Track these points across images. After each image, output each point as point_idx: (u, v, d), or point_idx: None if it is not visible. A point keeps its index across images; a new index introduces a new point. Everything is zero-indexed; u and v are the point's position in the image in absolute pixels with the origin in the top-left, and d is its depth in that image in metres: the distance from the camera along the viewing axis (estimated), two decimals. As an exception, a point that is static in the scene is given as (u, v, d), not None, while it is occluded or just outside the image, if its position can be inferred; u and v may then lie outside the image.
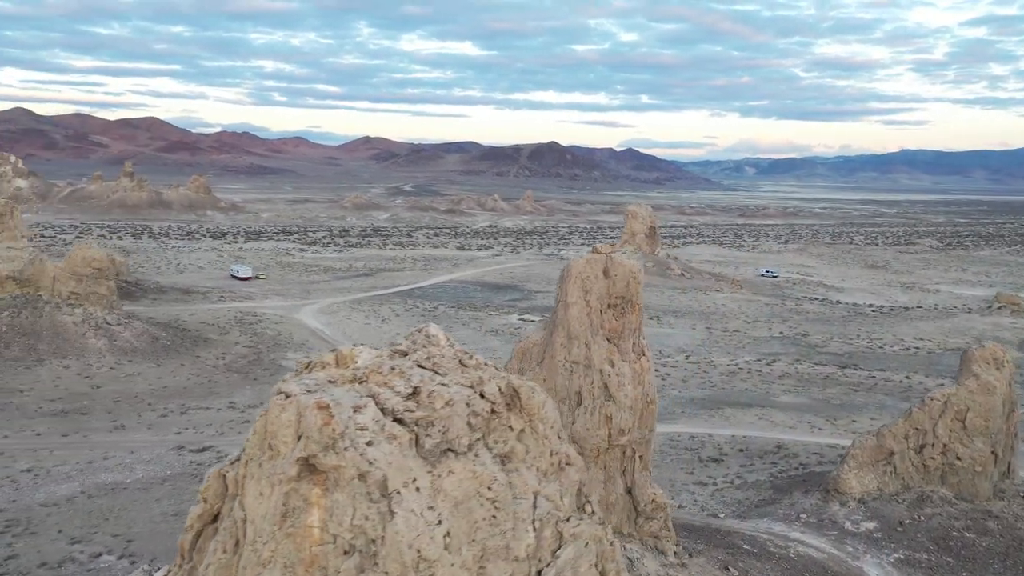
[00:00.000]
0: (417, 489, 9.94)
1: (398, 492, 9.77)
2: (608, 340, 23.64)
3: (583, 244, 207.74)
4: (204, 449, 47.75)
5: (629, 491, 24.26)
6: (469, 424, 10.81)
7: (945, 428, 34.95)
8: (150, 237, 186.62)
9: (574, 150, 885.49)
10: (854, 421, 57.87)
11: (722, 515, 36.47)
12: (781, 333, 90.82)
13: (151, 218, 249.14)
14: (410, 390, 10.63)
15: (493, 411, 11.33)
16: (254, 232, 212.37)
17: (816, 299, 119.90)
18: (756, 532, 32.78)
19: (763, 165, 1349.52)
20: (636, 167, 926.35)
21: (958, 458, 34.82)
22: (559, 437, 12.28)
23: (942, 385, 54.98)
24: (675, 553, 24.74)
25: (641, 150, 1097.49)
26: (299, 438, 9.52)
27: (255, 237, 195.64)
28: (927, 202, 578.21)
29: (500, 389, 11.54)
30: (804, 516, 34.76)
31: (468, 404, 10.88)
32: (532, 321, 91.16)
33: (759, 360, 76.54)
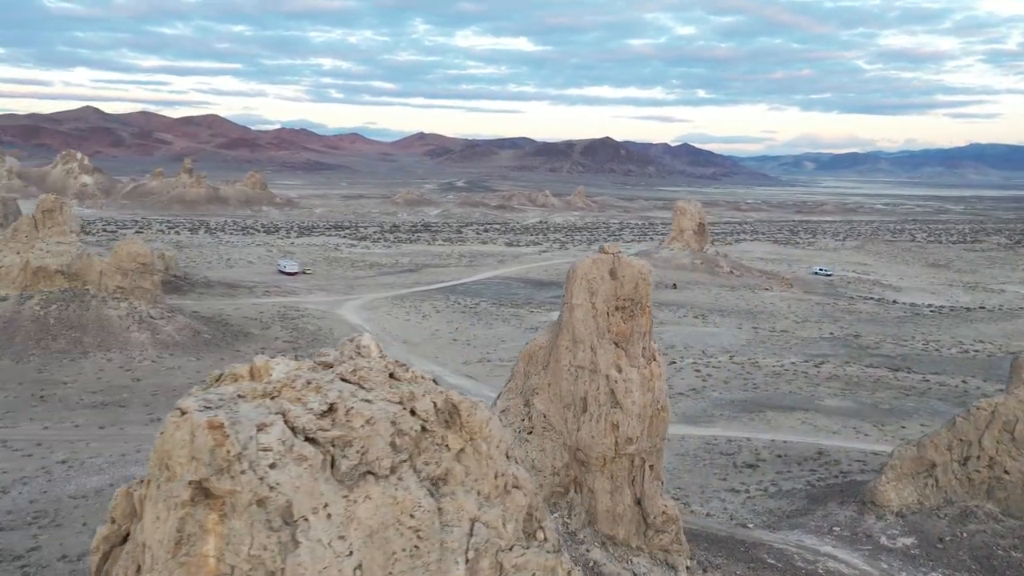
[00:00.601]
0: (328, 516, 9.11)
1: (305, 519, 8.98)
2: (616, 344, 22.50)
3: (633, 240, 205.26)
4: (234, 444, 47.94)
5: (638, 502, 23.13)
6: (393, 444, 9.95)
7: (992, 440, 32.85)
8: (206, 232, 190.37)
9: (628, 145, 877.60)
10: (903, 427, 55.38)
11: (751, 525, 34.97)
12: (831, 334, 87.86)
13: (209, 213, 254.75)
14: (325, 407, 9.81)
15: (424, 429, 10.44)
16: (307, 227, 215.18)
17: (871, 298, 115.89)
18: (784, 545, 31.28)
19: (823, 160, 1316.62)
20: (691, 162, 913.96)
21: (1006, 472, 32.70)
22: (507, 457, 11.30)
23: (1001, 391, 52.18)
24: (687, 568, 23.57)
25: (697, 145, 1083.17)
26: (193, 459, 8.83)
27: (307, 232, 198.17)
28: (996, 198, 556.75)
29: (436, 405, 10.64)
30: (837, 529, 33.07)
31: (393, 422, 10.01)
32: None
33: (806, 361, 74.04)
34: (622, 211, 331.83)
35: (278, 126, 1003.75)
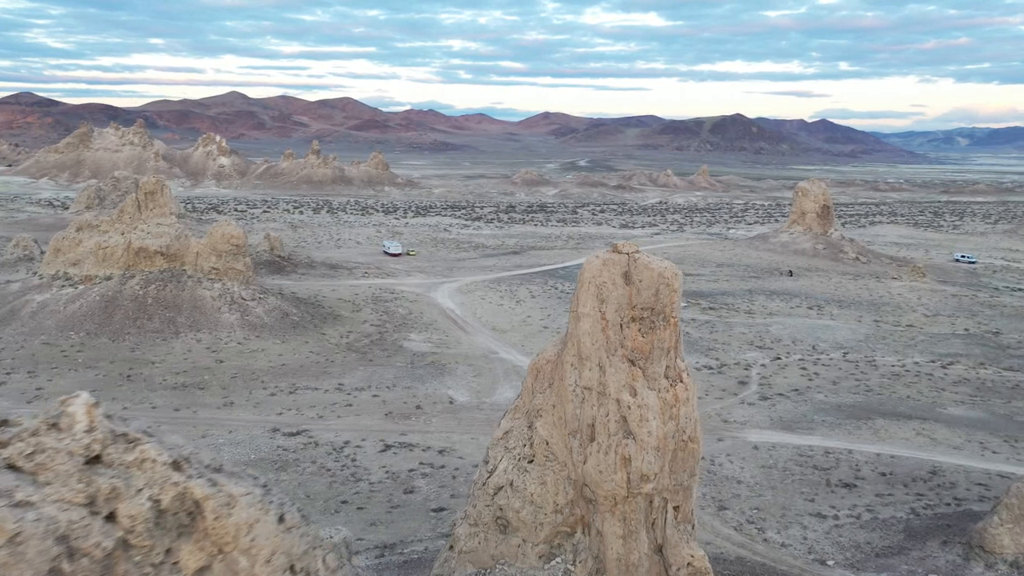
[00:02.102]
0: None
1: None
2: (631, 362, 18.79)
3: (756, 222, 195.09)
4: (297, 433, 47.02)
5: (659, 550, 19.42)
6: (56, 572, 6.99)
7: None
8: (328, 212, 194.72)
9: (760, 122, 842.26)
10: (1041, 444, 48.05)
11: (831, 563, 30.26)
12: (966, 330, 78.79)
13: (334, 193, 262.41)
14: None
15: (128, 544, 7.47)
16: (424, 207, 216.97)
17: (1019, 290, 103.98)
18: (866, 592, 26.58)
19: (979, 135, 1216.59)
20: (829, 139, 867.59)
21: None
22: (293, 572, 8.12)
23: None
24: (721, 629, 19.67)
25: (836, 121, 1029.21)
26: None
27: (423, 213, 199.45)
28: None
29: (159, 504, 7.61)
30: (935, 576, 27.93)
31: (64, 537, 7.07)
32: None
33: (932, 362, 66.40)
34: (748, 191, 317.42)
35: (408, 107, 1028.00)
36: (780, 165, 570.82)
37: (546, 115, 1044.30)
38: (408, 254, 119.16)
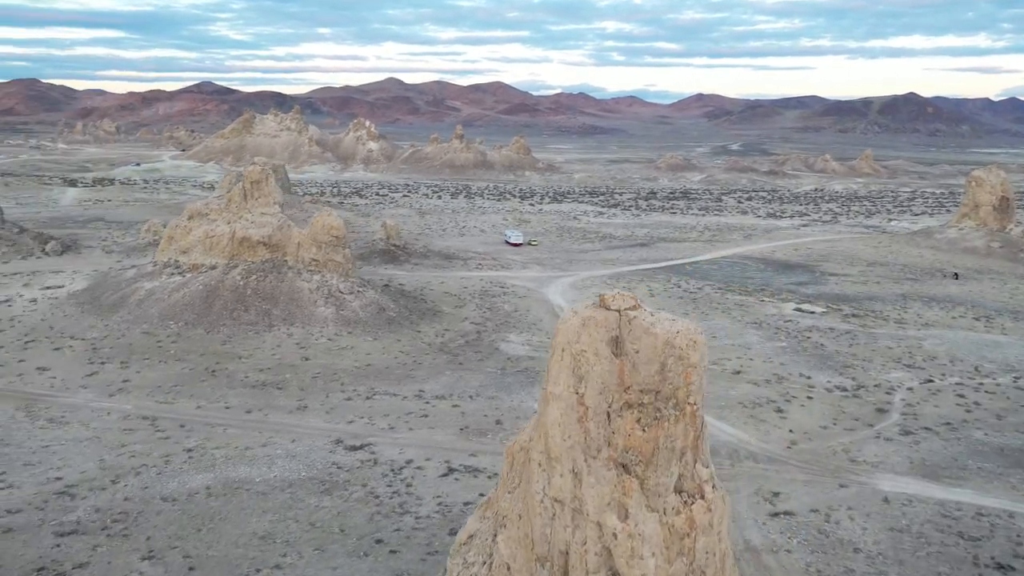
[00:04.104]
0: None
1: None
2: (622, 468, 12.79)
3: (923, 213, 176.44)
4: (360, 447, 43.39)
5: None
6: None
7: None
8: (466, 197, 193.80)
9: (937, 102, 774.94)
10: None
11: None
12: None
13: (475, 178, 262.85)
14: None
15: None
16: (561, 193, 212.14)
17: None
18: None
19: None
20: (1018, 120, 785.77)
21: None
22: None
23: None
24: None
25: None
26: None
27: (560, 199, 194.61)
28: None
29: None
30: None
31: None
32: (811, 313, 75.53)
33: None
34: (917, 178, 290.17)
35: (558, 91, 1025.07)
36: (958, 148, 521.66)
37: (699, 97, 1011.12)
38: (530, 244, 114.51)
